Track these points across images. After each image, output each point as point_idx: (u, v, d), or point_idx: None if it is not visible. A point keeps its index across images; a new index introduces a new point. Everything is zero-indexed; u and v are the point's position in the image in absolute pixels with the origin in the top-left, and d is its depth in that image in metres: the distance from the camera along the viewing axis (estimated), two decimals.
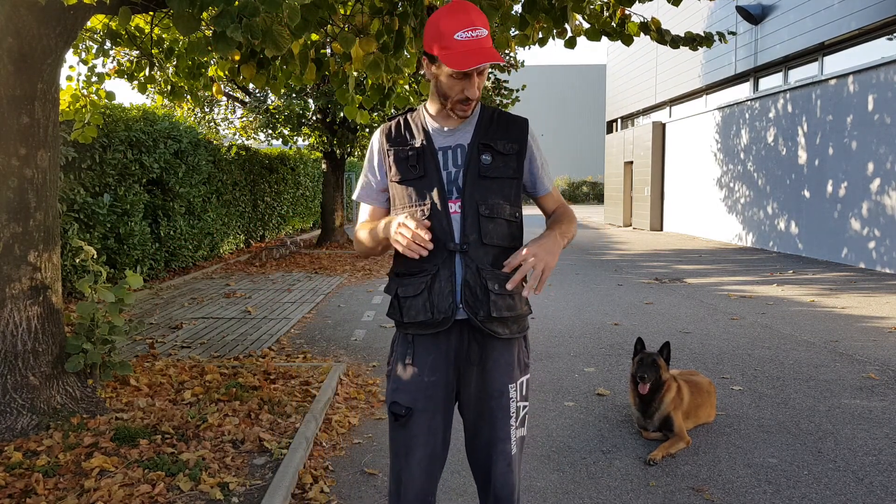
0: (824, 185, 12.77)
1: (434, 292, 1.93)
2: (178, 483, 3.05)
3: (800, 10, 13.39)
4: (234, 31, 2.53)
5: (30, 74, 3.68)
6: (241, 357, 5.49)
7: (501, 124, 2.03)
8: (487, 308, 1.92)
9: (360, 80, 6.99)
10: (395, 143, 2.02)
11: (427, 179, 1.96)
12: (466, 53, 1.83)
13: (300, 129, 14.18)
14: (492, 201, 1.96)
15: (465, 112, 1.94)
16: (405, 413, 1.98)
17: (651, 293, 8.95)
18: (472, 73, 1.87)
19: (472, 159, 1.97)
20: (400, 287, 1.99)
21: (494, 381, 2.00)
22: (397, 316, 2.01)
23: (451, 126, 2.00)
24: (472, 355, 1.99)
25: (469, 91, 1.89)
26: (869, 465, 3.48)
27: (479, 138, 1.99)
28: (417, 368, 1.99)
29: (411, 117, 2.07)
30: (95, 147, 7.91)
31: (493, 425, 2.01)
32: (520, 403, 2.05)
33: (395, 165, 2.00)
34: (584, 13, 4.32)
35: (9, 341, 3.66)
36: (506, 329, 1.98)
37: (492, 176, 1.97)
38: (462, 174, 1.96)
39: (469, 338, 1.99)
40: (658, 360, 3.85)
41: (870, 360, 5.50)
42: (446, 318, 1.93)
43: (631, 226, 22.75)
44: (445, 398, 2.01)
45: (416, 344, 2.00)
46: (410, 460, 2.00)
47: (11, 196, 3.65)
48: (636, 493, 3.20)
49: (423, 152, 1.98)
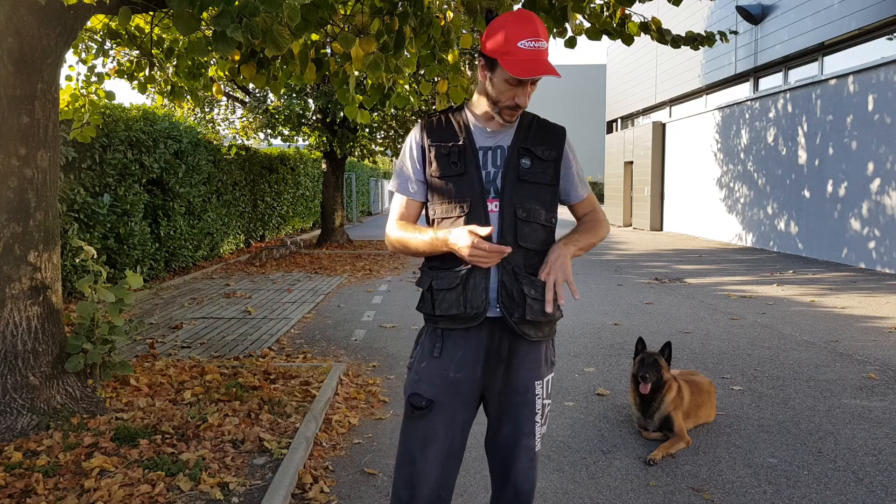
0: (824, 185, 12.77)
1: (469, 287, 1.95)
2: (178, 483, 3.05)
3: (800, 10, 13.39)
4: (234, 31, 2.53)
5: (30, 74, 3.67)
6: (241, 357, 5.49)
7: (541, 130, 2.07)
8: (523, 311, 1.95)
9: (360, 79, 6.99)
10: (436, 139, 2.04)
11: (467, 177, 1.99)
12: (528, 63, 1.86)
13: (300, 129, 14.18)
14: (529, 205, 1.99)
15: (511, 118, 1.98)
16: (425, 405, 1.98)
17: (651, 293, 8.95)
18: (526, 81, 1.91)
19: (511, 162, 2.00)
20: (434, 280, 2.00)
21: (521, 376, 2.03)
22: (429, 308, 2.01)
23: (493, 128, 2.03)
24: (503, 352, 2.01)
25: (520, 99, 1.93)
26: (869, 465, 3.48)
27: (520, 142, 2.02)
28: (444, 363, 2.00)
29: (453, 116, 2.09)
30: (95, 147, 7.91)
31: (518, 421, 2.03)
32: (545, 401, 2.08)
33: (435, 161, 2.02)
34: (585, 13, 4.32)
35: (9, 341, 3.66)
36: (538, 332, 2.01)
37: (531, 180, 2.00)
38: (501, 175, 1.99)
39: (499, 337, 2.00)
40: (659, 359, 3.85)
41: (870, 360, 5.50)
42: (478, 314, 1.95)
43: (631, 226, 22.75)
44: (470, 396, 2.02)
45: (446, 338, 2.01)
46: (427, 452, 1.98)
47: (11, 196, 3.65)
48: (636, 493, 3.20)
49: (464, 150, 2.01)
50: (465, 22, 4.34)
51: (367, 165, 30.76)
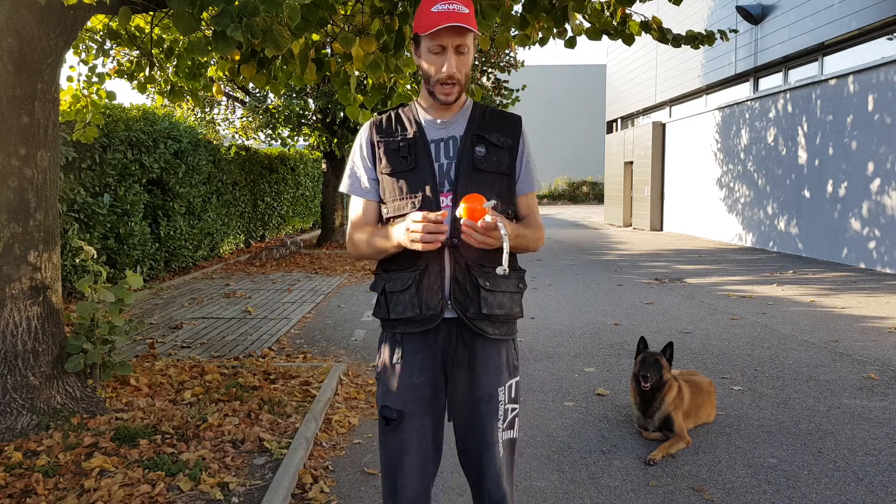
0: (824, 185, 12.77)
1: (423, 287, 1.89)
2: (178, 483, 3.05)
3: (800, 10, 13.38)
4: (234, 30, 2.53)
5: (30, 74, 3.67)
6: (241, 357, 5.49)
7: (495, 119, 2.01)
8: (478, 305, 1.89)
9: (360, 79, 6.99)
10: (385, 135, 1.98)
11: (418, 171, 1.92)
12: (439, 20, 1.83)
13: (300, 129, 14.18)
14: (484, 196, 1.90)
15: (447, 95, 1.90)
16: (396, 417, 1.95)
17: (651, 293, 8.95)
18: (448, 46, 1.86)
19: (465, 151, 1.93)
20: (387, 282, 1.95)
21: (483, 385, 1.96)
22: (384, 313, 1.96)
23: (444, 119, 1.98)
24: (460, 357, 1.95)
25: (448, 66, 1.86)
26: (869, 465, 3.48)
27: (473, 130, 1.96)
28: (406, 369, 1.95)
29: (403, 111, 2.03)
30: (95, 147, 7.91)
31: (483, 430, 1.97)
32: (508, 406, 2.00)
33: (385, 157, 1.96)
34: (585, 12, 4.32)
35: (9, 341, 3.66)
36: (495, 329, 1.95)
37: (486, 170, 1.93)
38: (455, 166, 1.93)
39: (457, 338, 1.94)
40: (661, 359, 3.85)
41: (870, 360, 5.50)
42: (434, 315, 1.89)
43: (631, 226, 22.74)
44: (434, 399, 1.98)
45: (405, 343, 1.96)
46: (405, 464, 1.96)
47: (11, 196, 3.65)
48: (636, 493, 3.20)
49: (414, 143, 1.95)
50: None
51: None
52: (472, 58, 1.93)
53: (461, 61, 1.88)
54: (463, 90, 1.94)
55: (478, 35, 1.91)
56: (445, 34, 1.85)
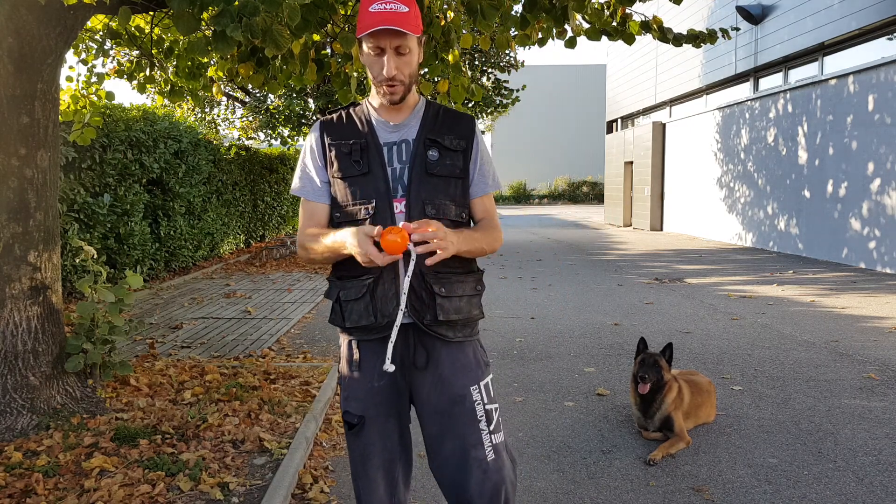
0: (824, 185, 12.77)
1: (377, 296, 1.86)
2: (178, 483, 3.05)
3: (800, 10, 13.38)
4: (234, 30, 2.53)
5: (30, 74, 3.67)
6: (241, 357, 5.49)
7: (448, 120, 1.96)
8: (434, 312, 1.86)
9: (360, 80, 6.99)
10: (336, 137, 1.93)
11: (371, 176, 1.88)
12: (374, 21, 1.78)
13: (300, 129, 14.18)
14: (438, 201, 1.88)
15: (391, 95, 1.86)
16: (357, 422, 1.93)
17: (651, 293, 8.95)
18: (386, 48, 1.81)
19: (417, 155, 1.89)
20: (342, 291, 1.91)
21: (453, 386, 1.91)
22: (339, 321, 1.94)
23: (396, 120, 1.93)
24: (419, 359, 1.91)
25: (387, 69, 1.82)
26: (869, 465, 3.48)
27: (426, 133, 1.91)
28: (365, 375, 1.93)
29: (354, 111, 1.98)
30: (95, 147, 7.91)
31: (461, 434, 1.89)
32: (489, 406, 1.93)
33: (336, 161, 1.91)
34: (585, 12, 4.32)
35: (9, 341, 3.66)
36: (455, 332, 1.92)
37: (438, 174, 1.89)
38: (408, 171, 1.88)
39: (415, 342, 1.91)
40: (660, 360, 3.85)
41: (870, 360, 5.50)
42: (390, 323, 1.84)
43: (631, 226, 22.74)
44: (397, 402, 1.95)
45: (362, 349, 1.93)
46: (368, 467, 1.95)
47: (11, 196, 3.65)
48: (636, 493, 3.20)
49: (366, 147, 1.90)
50: (465, 22, 4.33)
51: None
52: (415, 57, 1.87)
53: (402, 62, 1.83)
54: (408, 89, 1.89)
55: (416, 36, 1.85)
56: (382, 36, 1.80)
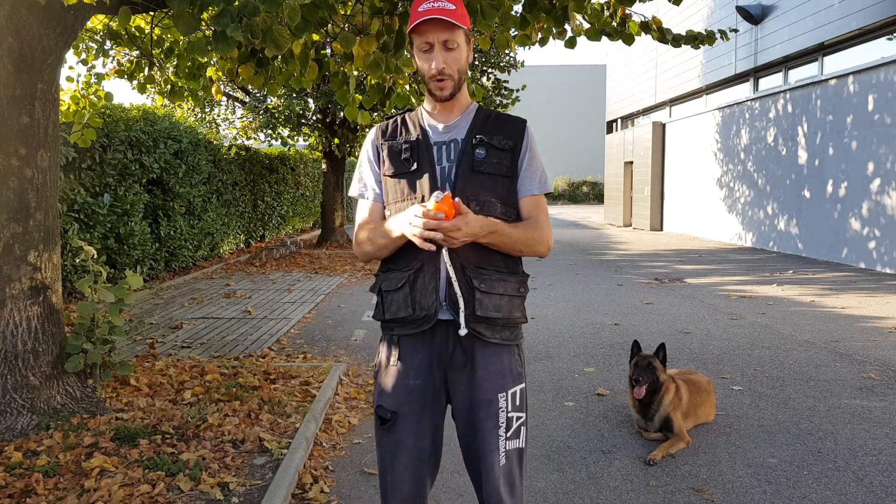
0: (824, 185, 12.77)
1: (416, 288, 1.88)
2: (178, 483, 3.05)
3: (800, 10, 13.38)
4: (234, 30, 2.53)
5: (30, 74, 3.67)
6: (241, 357, 5.49)
7: (498, 122, 2.01)
8: (472, 307, 1.87)
9: (360, 79, 6.99)
10: (390, 138, 2.01)
11: (419, 173, 1.94)
12: (421, 17, 1.85)
13: (300, 129, 14.18)
14: (483, 197, 1.91)
15: (441, 91, 1.91)
16: (390, 417, 1.94)
17: (651, 293, 8.95)
18: (435, 43, 1.87)
19: (465, 153, 1.94)
20: (384, 282, 1.96)
21: (483, 390, 1.93)
22: (380, 314, 1.97)
23: (447, 122, 1.99)
24: (457, 359, 1.92)
25: (436, 63, 1.88)
26: (869, 465, 3.48)
27: (474, 133, 1.96)
28: (403, 370, 1.95)
29: (409, 116, 2.06)
30: (95, 147, 7.91)
31: (482, 437, 1.93)
32: (511, 414, 1.95)
33: (388, 159, 1.99)
34: (585, 13, 4.32)
35: (9, 341, 3.66)
36: (494, 333, 1.92)
37: (485, 171, 1.93)
38: (455, 168, 1.93)
39: (454, 341, 1.92)
40: (654, 361, 3.84)
41: (870, 360, 5.50)
42: (429, 316, 1.87)
43: (631, 226, 22.75)
44: (433, 401, 1.96)
45: (402, 345, 1.95)
46: (396, 464, 1.96)
47: (11, 196, 3.65)
48: (636, 493, 3.20)
49: (417, 146, 1.96)
50: None
51: None
52: (463, 53, 1.92)
53: (450, 56, 1.89)
54: (458, 85, 1.93)
55: (465, 30, 1.90)
56: (430, 31, 1.86)
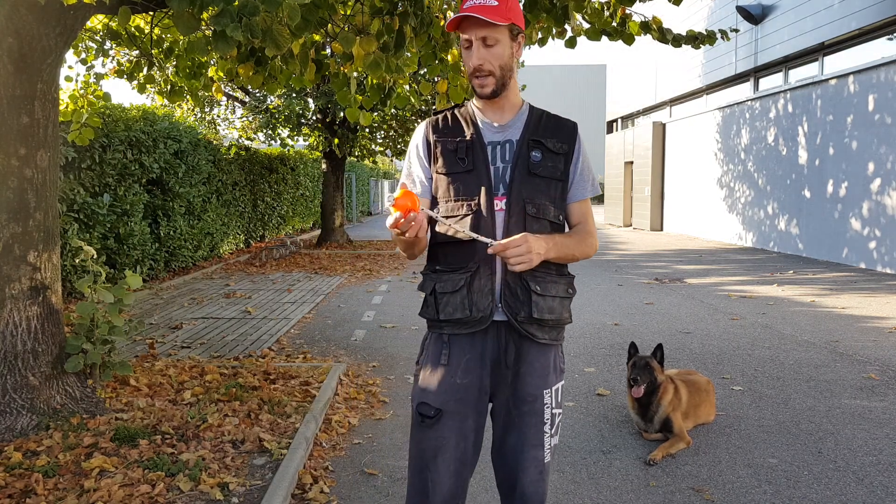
0: (825, 185, 12.77)
1: (473, 289, 1.88)
2: (178, 483, 3.05)
3: (800, 10, 13.38)
4: (234, 30, 2.52)
5: (30, 74, 3.67)
6: (241, 357, 5.49)
7: (551, 124, 2.00)
8: (529, 309, 1.88)
9: (360, 79, 6.99)
10: (443, 135, 1.98)
11: (475, 174, 1.92)
12: (463, 13, 1.85)
13: (300, 129, 14.17)
14: (538, 200, 1.91)
15: (482, 87, 1.91)
16: (434, 415, 1.93)
17: (651, 293, 8.95)
18: (473, 39, 1.87)
19: (521, 155, 1.92)
20: (438, 283, 1.93)
21: (529, 385, 1.94)
22: (432, 313, 1.94)
23: (500, 121, 1.97)
24: (509, 359, 1.93)
25: (474, 59, 1.87)
26: (869, 465, 3.48)
27: (530, 135, 1.95)
28: (451, 370, 1.94)
29: (459, 112, 2.03)
30: (95, 147, 7.90)
31: (524, 431, 1.95)
32: (555, 410, 1.98)
33: (442, 157, 1.95)
34: (585, 12, 4.32)
35: (9, 341, 3.66)
36: (544, 334, 1.94)
37: (541, 174, 1.92)
38: (510, 170, 1.92)
39: (506, 340, 1.93)
40: (651, 362, 3.83)
41: (870, 360, 5.50)
42: (484, 317, 1.88)
43: (631, 226, 22.74)
44: (478, 402, 1.96)
45: (452, 344, 1.94)
46: (439, 462, 1.93)
47: (11, 196, 3.65)
48: (636, 493, 3.20)
49: (472, 145, 1.94)
50: None
51: (367, 165, 30.77)
52: (506, 50, 1.89)
53: (489, 53, 1.87)
54: (500, 82, 1.92)
55: (509, 26, 1.89)
56: (468, 28, 1.86)
